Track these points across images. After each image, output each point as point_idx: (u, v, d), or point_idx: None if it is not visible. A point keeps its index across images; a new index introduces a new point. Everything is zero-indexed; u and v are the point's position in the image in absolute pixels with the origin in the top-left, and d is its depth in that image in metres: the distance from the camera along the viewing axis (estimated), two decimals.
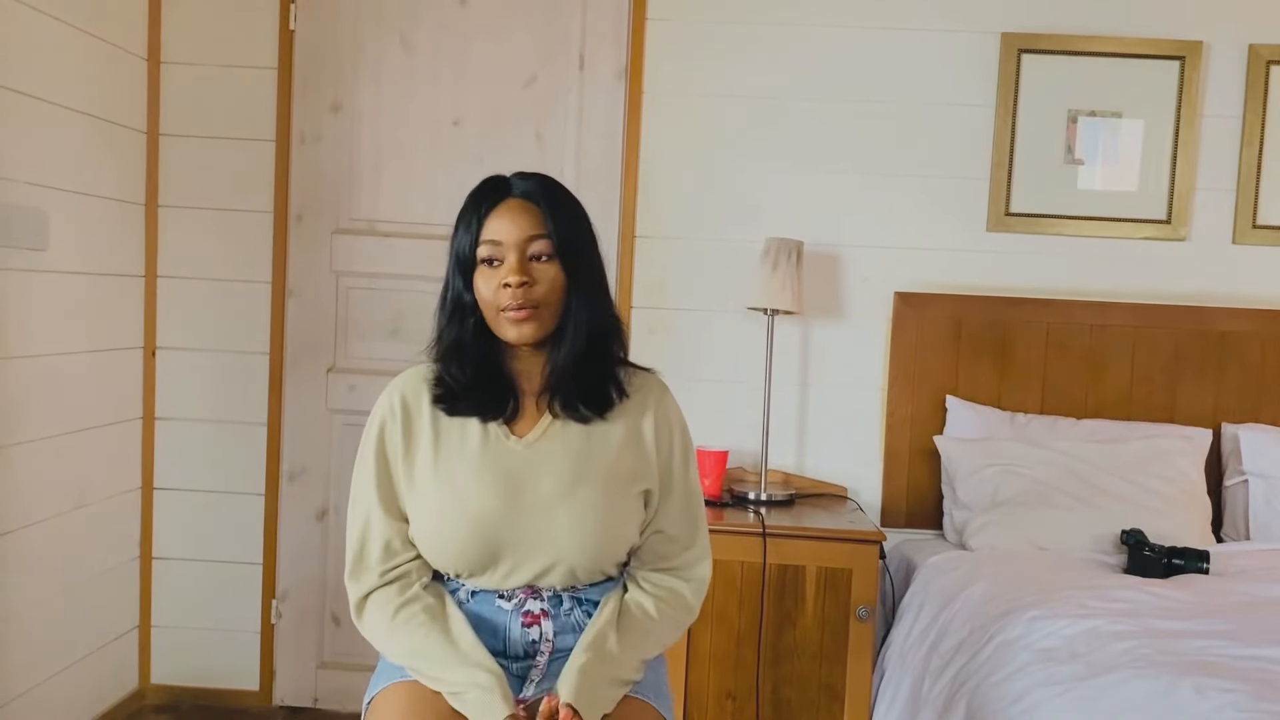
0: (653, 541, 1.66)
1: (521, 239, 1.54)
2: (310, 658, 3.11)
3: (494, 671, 1.47)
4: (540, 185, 1.59)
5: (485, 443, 1.58)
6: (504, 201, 1.57)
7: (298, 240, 3.06)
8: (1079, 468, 2.74)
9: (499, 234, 1.54)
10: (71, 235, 2.66)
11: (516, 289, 1.51)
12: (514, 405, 1.60)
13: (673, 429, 1.66)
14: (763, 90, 3.00)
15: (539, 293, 1.54)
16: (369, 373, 3.05)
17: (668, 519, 1.65)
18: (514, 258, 1.53)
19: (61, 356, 2.65)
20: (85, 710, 2.83)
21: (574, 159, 3.02)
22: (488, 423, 1.59)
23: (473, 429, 1.59)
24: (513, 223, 1.55)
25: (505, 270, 1.53)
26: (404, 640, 1.53)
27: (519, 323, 1.53)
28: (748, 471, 2.99)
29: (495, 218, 1.56)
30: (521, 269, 1.53)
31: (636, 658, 1.56)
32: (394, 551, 1.59)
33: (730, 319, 3.03)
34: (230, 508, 3.07)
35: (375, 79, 3.04)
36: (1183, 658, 1.88)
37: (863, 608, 2.58)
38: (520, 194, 1.58)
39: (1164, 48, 2.94)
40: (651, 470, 1.63)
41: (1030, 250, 3.00)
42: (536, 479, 1.56)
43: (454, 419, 1.59)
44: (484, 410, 1.59)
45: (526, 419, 1.61)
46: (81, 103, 2.68)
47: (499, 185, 1.60)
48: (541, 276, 1.54)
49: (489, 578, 1.57)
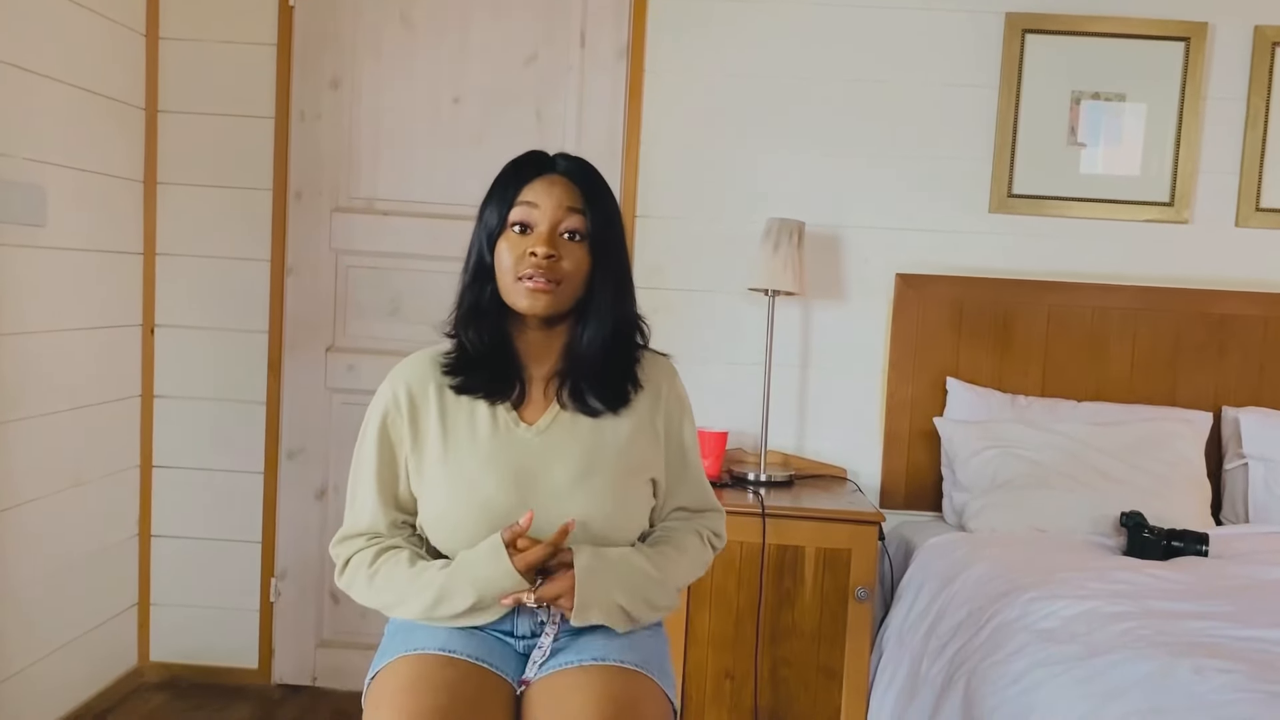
0: (673, 516, 1.70)
1: (558, 212, 1.54)
2: (309, 636, 3.11)
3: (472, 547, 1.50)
4: (582, 168, 1.60)
5: (495, 430, 1.57)
6: (545, 175, 1.57)
7: (297, 218, 3.04)
8: (1079, 450, 2.74)
9: (536, 198, 1.54)
10: (70, 211, 2.65)
11: (543, 259, 1.51)
12: (521, 388, 1.60)
13: (682, 415, 1.68)
14: (765, 69, 2.99)
15: (562, 269, 1.53)
16: (368, 352, 3.04)
17: (685, 496, 1.70)
18: (545, 227, 1.53)
19: (60, 333, 2.64)
20: (84, 688, 2.84)
21: (574, 138, 3.01)
22: (495, 406, 1.58)
23: (481, 415, 1.58)
24: (552, 193, 1.55)
25: (534, 239, 1.53)
26: (386, 577, 1.55)
27: (534, 292, 1.52)
28: (747, 452, 2.99)
29: (534, 187, 1.56)
30: (551, 241, 1.52)
31: (669, 571, 1.59)
32: (380, 536, 1.61)
33: (731, 300, 3.02)
34: (229, 486, 3.07)
35: (375, 56, 3.02)
36: (1181, 639, 1.88)
37: (861, 588, 2.59)
38: (562, 171, 1.58)
39: (1169, 28, 2.92)
40: (660, 458, 1.64)
41: (1032, 232, 2.99)
42: (548, 469, 1.55)
43: (461, 404, 1.58)
44: (491, 389, 1.58)
45: (534, 405, 1.61)
46: (80, 78, 2.66)
47: (541, 159, 1.60)
48: (569, 254, 1.54)
49: None
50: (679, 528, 1.68)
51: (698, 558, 1.67)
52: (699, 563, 1.67)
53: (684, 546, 1.64)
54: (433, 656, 1.50)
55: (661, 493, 1.66)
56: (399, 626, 1.61)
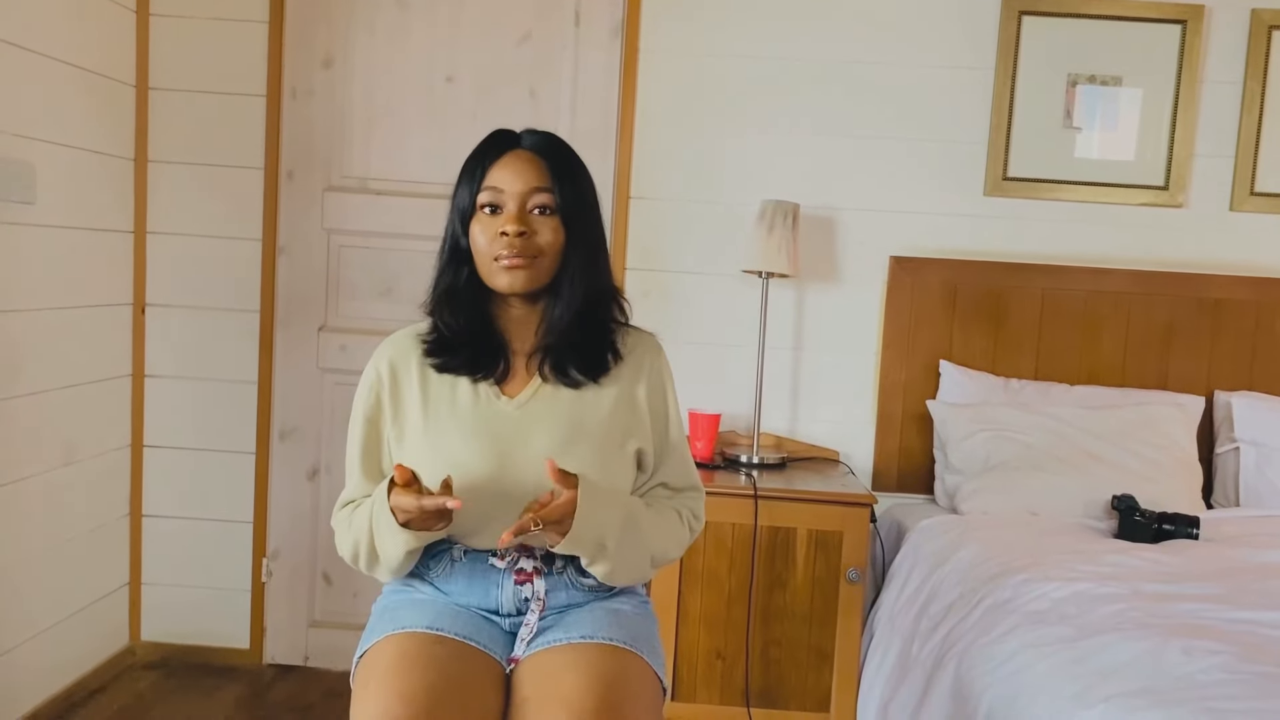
0: (655, 492, 1.69)
1: (524, 189, 1.55)
2: (301, 616, 3.11)
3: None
4: (548, 141, 1.61)
5: (476, 403, 1.58)
6: (510, 152, 1.58)
7: (289, 197, 3.03)
8: (1071, 433, 2.74)
9: (501, 182, 1.56)
10: (60, 189, 2.63)
11: (514, 238, 1.52)
12: (504, 364, 1.60)
13: (666, 390, 1.67)
14: (760, 50, 2.97)
15: (536, 244, 1.54)
16: (360, 332, 3.03)
17: (669, 473, 1.69)
18: (514, 206, 1.55)
19: (50, 311, 2.63)
20: (75, 667, 2.83)
21: (569, 117, 2.99)
22: (478, 382, 1.58)
23: (463, 389, 1.59)
24: (516, 173, 1.56)
25: (504, 219, 1.54)
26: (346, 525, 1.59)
27: (511, 269, 1.53)
28: (740, 435, 2.99)
29: (500, 167, 1.57)
30: (521, 219, 1.54)
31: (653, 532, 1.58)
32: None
33: (725, 282, 3.01)
34: (221, 466, 3.06)
35: (368, 34, 2.99)
36: (1171, 620, 1.89)
37: (853, 570, 2.59)
38: (528, 146, 1.59)
39: (1166, 11, 2.91)
40: (645, 431, 1.63)
41: (1027, 215, 2.99)
42: (528, 441, 1.55)
43: (444, 380, 1.59)
44: (474, 367, 1.59)
45: (517, 379, 1.61)
46: (69, 54, 2.64)
47: (507, 137, 1.61)
48: (540, 228, 1.55)
49: (481, 539, 1.57)
50: (658, 503, 1.67)
51: (674, 534, 1.65)
52: (675, 540, 1.65)
53: (664, 519, 1.63)
54: (421, 635, 1.50)
55: (648, 465, 1.65)
56: (386, 606, 1.62)
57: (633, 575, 1.58)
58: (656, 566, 1.63)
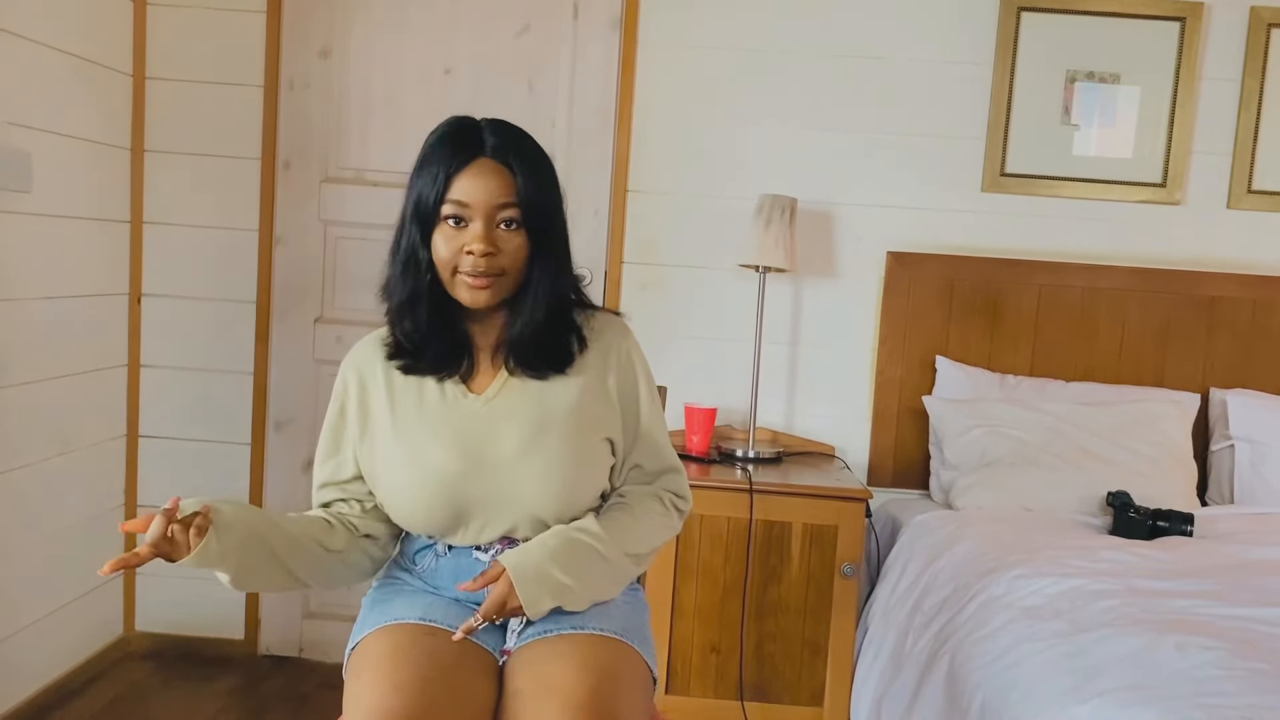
0: (630, 475, 1.66)
1: (491, 205, 1.48)
2: (295, 608, 3.11)
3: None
4: (513, 144, 1.52)
5: (443, 403, 1.56)
6: (475, 161, 1.49)
7: (285, 188, 3.02)
8: (1067, 430, 2.74)
9: (467, 196, 1.48)
10: (56, 178, 2.62)
11: (480, 258, 1.47)
12: (469, 362, 1.58)
13: (636, 374, 1.63)
14: (759, 44, 2.97)
15: (501, 262, 1.49)
16: (357, 324, 3.02)
17: (643, 455, 1.66)
18: (480, 225, 1.48)
19: (45, 301, 2.62)
20: (69, 656, 2.83)
21: (566, 110, 2.99)
22: (444, 381, 1.57)
23: (429, 389, 1.57)
24: (483, 187, 1.48)
25: (470, 236, 1.48)
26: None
27: (475, 289, 1.49)
28: (736, 429, 2.99)
29: (465, 178, 1.48)
30: (488, 238, 1.48)
31: (613, 534, 1.55)
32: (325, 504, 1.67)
33: (722, 276, 3.01)
34: (216, 457, 3.06)
35: (366, 25, 2.99)
36: (1165, 616, 1.89)
37: (848, 565, 2.59)
38: (492, 153, 1.50)
39: (1165, 8, 2.91)
40: (615, 418, 1.60)
41: (1024, 212, 2.98)
42: (497, 436, 1.54)
43: (410, 382, 1.58)
44: (440, 368, 1.57)
45: (483, 375, 1.59)
46: (66, 43, 2.63)
47: (469, 139, 1.51)
48: (506, 245, 1.49)
49: (461, 536, 1.57)
50: (636, 492, 1.64)
51: (658, 521, 1.63)
52: (661, 526, 1.63)
53: (639, 512, 1.61)
54: (413, 626, 1.50)
55: (620, 452, 1.63)
56: (377, 598, 1.62)
57: (619, 582, 1.58)
58: (646, 559, 1.62)
